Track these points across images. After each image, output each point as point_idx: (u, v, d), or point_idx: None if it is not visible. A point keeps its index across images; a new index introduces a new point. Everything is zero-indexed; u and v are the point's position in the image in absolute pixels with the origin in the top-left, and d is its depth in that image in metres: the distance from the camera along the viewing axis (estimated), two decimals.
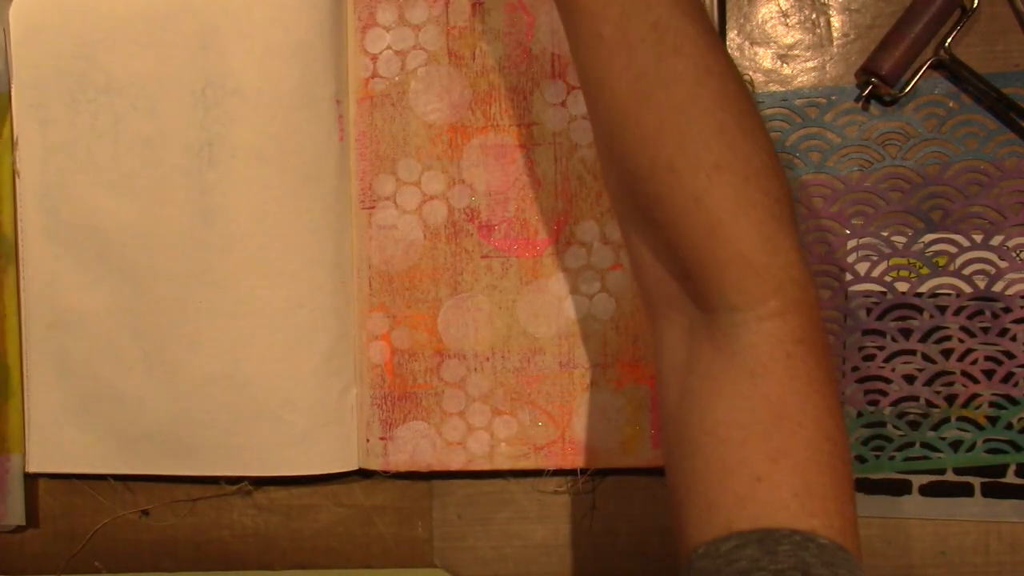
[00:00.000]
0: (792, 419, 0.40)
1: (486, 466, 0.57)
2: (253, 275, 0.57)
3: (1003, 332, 0.56)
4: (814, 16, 0.58)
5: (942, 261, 0.56)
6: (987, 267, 0.56)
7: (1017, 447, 0.56)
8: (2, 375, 0.60)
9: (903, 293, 0.56)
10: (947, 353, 0.56)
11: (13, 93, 0.59)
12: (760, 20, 0.58)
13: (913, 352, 0.57)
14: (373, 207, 0.58)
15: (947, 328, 0.56)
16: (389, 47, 0.57)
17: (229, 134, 0.56)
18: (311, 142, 0.56)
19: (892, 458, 0.57)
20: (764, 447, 0.39)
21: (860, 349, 0.57)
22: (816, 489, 0.39)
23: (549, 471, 0.58)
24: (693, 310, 0.42)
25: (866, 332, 0.57)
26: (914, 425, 0.57)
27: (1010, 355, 0.56)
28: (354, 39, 0.58)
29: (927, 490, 0.57)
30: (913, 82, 0.56)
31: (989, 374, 0.56)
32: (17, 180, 0.59)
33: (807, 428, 0.39)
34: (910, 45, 0.55)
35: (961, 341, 0.56)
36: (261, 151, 0.56)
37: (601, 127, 0.44)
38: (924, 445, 0.57)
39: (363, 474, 0.60)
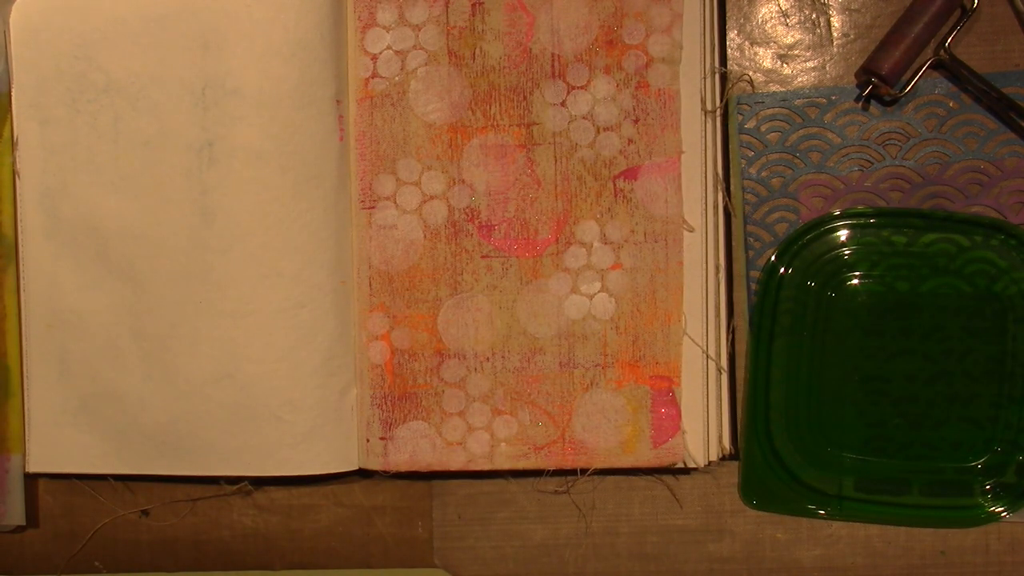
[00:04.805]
0: None
1: (486, 466, 0.57)
2: (253, 275, 0.57)
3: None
4: (814, 16, 0.58)
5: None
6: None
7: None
8: (2, 375, 0.60)
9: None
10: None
11: (13, 93, 0.59)
12: (760, 20, 0.58)
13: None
14: (373, 207, 0.58)
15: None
16: (389, 47, 0.57)
17: (229, 134, 0.56)
18: (311, 142, 0.56)
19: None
20: None
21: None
22: None
23: (549, 471, 0.58)
24: None
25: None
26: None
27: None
28: (354, 39, 0.58)
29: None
30: (913, 82, 0.56)
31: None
32: (17, 180, 0.59)
33: None
34: (910, 45, 0.55)
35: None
36: (261, 151, 0.56)
37: None
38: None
39: (363, 474, 0.60)
